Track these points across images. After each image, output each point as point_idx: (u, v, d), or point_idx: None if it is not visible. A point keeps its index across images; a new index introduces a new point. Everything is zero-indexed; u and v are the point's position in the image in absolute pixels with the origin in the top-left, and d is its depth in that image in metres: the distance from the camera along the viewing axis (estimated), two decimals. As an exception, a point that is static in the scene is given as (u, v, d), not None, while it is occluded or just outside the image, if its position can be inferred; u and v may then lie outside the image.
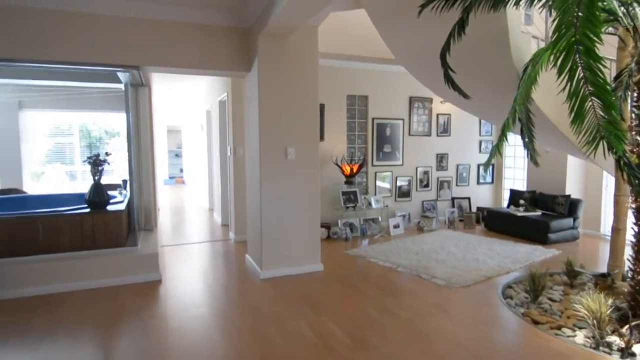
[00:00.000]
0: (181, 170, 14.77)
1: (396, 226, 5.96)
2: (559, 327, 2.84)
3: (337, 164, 5.82)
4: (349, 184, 5.85)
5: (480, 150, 7.07)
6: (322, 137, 5.70)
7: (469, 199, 6.93)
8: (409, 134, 6.48)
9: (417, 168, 6.60)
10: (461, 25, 2.74)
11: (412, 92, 6.41)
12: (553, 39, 1.99)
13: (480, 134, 7.07)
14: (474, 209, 6.85)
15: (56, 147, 8.62)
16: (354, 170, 5.81)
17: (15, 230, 3.68)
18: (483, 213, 6.51)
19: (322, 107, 5.65)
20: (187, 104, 10.63)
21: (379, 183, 6.36)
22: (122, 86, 4.43)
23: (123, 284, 3.77)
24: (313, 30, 4.02)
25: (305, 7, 3.12)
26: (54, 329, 2.88)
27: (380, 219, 6.02)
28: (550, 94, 2.75)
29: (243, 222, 5.44)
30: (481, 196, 7.13)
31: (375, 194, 6.23)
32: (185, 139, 13.86)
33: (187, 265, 4.51)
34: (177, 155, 15.07)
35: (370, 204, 5.96)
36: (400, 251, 4.87)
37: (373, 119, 6.21)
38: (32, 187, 6.95)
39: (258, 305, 3.31)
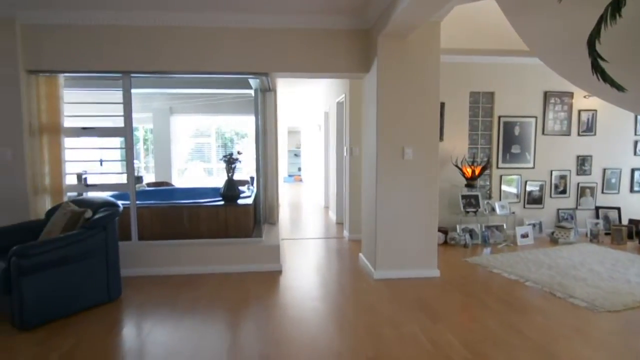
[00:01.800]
0: (299, 169, 15.64)
1: (524, 235, 5.40)
2: None
3: (456, 166, 5.51)
4: (470, 187, 5.48)
5: (635, 152, 5.98)
6: (441, 137, 5.47)
7: (618, 209, 5.91)
8: (543, 133, 5.81)
9: (551, 171, 5.88)
10: (616, 6, 2.34)
11: (548, 87, 5.73)
12: None
13: (635, 133, 5.97)
14: (625, 222, 5.81)
15: (196, 146, 9.94)
16: (476, 173, 5.43)
17: (166, 217, 4.32)
18: (637, 227, 5.50)
19: (442, 105, 5.41)
20: (307, 106, 11.22)
21: (504, 187, 5.83)
22: (252, 92, 4.87)
23: (248, 272, 4.15)
24: (435, 27, 3.87)
25: (429, 3, 3.01)
26: (195, 306, 3.30)
27: (505, 226, 5.52)
28: None
29: (357, 221, 5.52)
30: (635, 207, 6.02)
31: (500, 199, 5.73)
32: (304, 140, 14.63)
33: (304, 259, 4.75)
34: (296, 154, 16.01)
35: (493, 209, 5.51)
36: (529, 263, 4.40)
37: (499, 117, 5.72)
38: (178, 180, 8.11)
39: (372, 305, 3.32)
